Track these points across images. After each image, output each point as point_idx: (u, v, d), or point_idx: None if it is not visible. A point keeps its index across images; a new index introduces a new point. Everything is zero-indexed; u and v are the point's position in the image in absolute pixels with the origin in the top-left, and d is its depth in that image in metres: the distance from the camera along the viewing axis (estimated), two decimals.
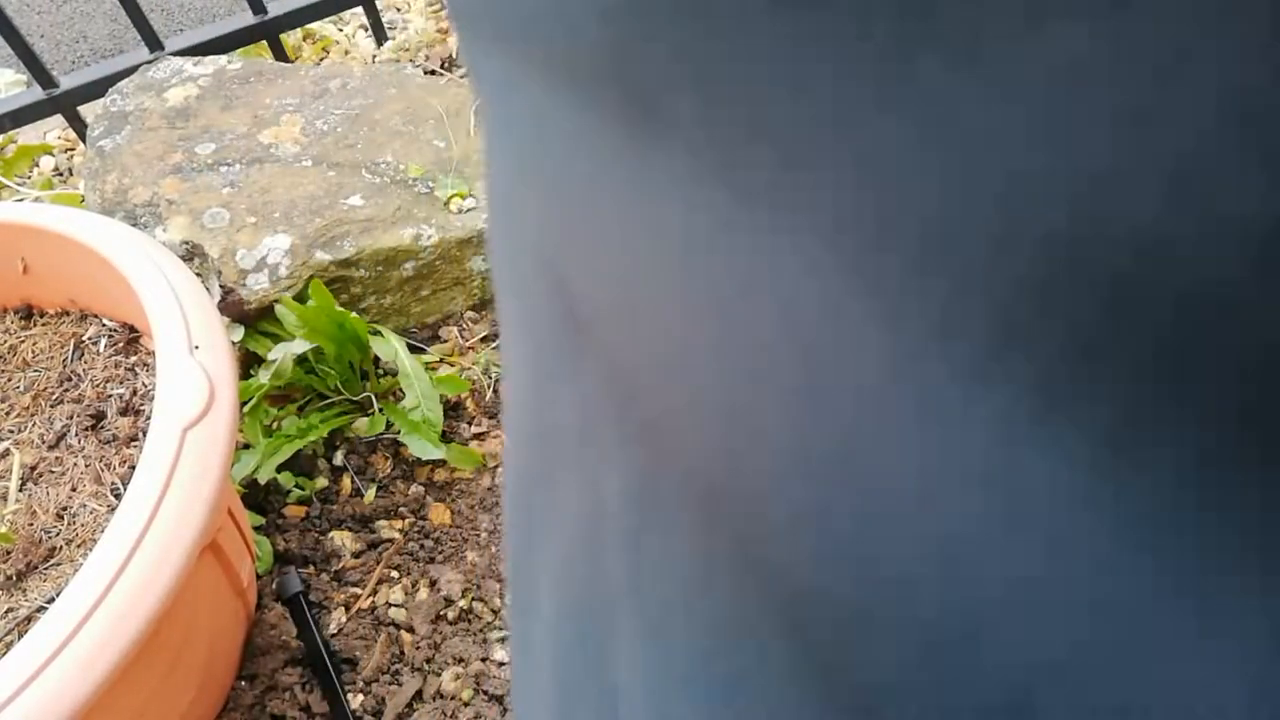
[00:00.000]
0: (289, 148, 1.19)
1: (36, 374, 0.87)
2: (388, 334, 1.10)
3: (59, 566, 0.73)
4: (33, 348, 0.89)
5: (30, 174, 1.49)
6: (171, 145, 1.17)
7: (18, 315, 0.92)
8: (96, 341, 0.88)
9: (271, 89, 1.28)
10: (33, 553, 0.73)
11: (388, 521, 1.07)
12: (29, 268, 0.89)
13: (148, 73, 1.29)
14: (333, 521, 1.05)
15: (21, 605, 0.70)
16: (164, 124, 1.20)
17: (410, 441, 1.04)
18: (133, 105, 1.23)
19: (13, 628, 0.69)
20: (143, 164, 1.14)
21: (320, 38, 1.68)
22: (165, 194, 1.11)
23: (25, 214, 0.86)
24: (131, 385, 0.84)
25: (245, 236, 1.08)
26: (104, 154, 1.17)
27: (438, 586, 1.02)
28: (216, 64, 1.31)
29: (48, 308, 0.92)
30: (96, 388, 0.85)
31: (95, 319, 0.90)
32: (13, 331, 0.90)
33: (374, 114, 1.25)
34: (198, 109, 1.23)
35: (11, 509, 0.76)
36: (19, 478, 0.78)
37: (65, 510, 0.76)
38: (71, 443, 0.81)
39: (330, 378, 1.07)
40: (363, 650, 0.95)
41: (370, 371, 1.11)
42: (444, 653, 0.97)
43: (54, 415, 0.83)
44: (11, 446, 0.81)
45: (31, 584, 0.72)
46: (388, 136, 1.23)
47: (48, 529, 0.74)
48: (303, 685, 0.91)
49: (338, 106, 1.26)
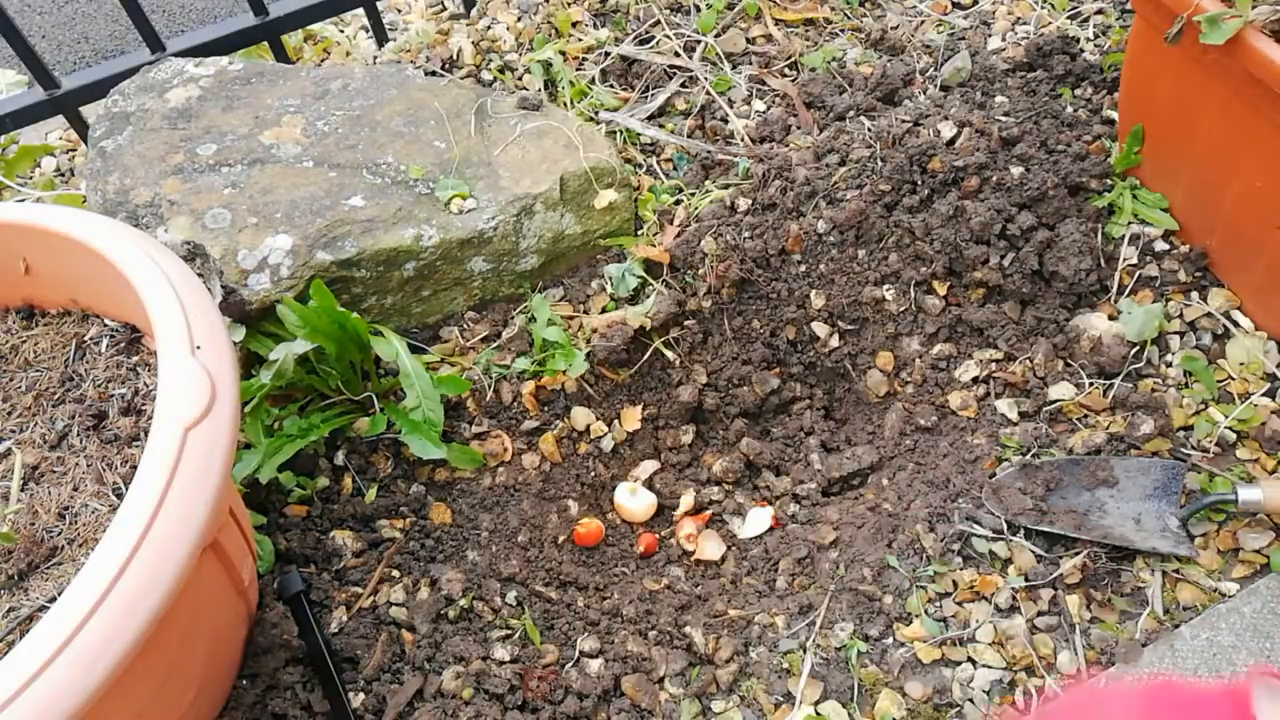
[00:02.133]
0: (290, 148, 1.20)
1: (38, 374, 0.87)
2: (389, 334, 1.10)
3: (61, 566, 0.73)
4: (34, 348, 0.89)
5: (32, 174, 1.49)
6: (173, 146, 1.18)
7: (19, 315, 0.92)
8: (98, 341, 0.88)
9: (273, 90, 1.28)
10: (35, 552, 0.73)
11: (389, 521, 1.07)
12: (31, 268, 0.89)
13: (149, 74, 1.29)
14: (334, 521, 1.06)
15: (24, 604, 0.70)
16: (165, 125, 1.21)
17: (411, 441, 1.04)
18: (134, 106, 1.24)
19: (15, 626, 0.69)
20: (144, 164, 1.15)
21: (321, 39, 1.68)
22: (167, 194, 1.11)
23: (27, 214, 0.86)
24: (133, 385, 0.85)
25: (247, 237, 1.08)
26: (105, 154, 1.17)
27: (438, 586, 1.02)
28: (218, 65, 1.32)
29: (49, 308, 0.93)
30: (98, 388, 0.85)
31: (97, 319, 0.91)
32: (14, 332, 0.91)
33: (375, 115, 1.26)
34: (199, 110, 1.24)
35: (13, 508, 0.76)
36: (21, 477, 0.78)
37: (67, 510, 0.76)
38: (73, 442, 0.81)
39: (331, 378, 1.08)
40: (364, 649, 0.95)
41: (371, 371, 1.12)
42: (444, 651, 0.97)
43: (56, 415, 0.83)
44: (13, 446, 0.81)
45: (33, 583, 0.72)
46: (389, 137, 1.23)
47: (49, 528, 0.75)
48: (304, 684, 0.91)
49: (339, 107, 1.26)
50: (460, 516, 1.10)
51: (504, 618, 1.02)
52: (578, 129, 1.28)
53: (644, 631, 1.03)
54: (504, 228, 1.18)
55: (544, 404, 1.18)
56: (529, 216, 1.19)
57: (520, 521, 1.11)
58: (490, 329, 1.21)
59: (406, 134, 1.24)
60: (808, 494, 1.17)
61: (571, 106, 1.38)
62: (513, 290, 1.23)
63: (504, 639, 0.99)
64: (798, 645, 0.99)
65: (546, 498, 1.15)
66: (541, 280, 1.25)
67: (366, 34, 1.65)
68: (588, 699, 0.95)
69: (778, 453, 1.22)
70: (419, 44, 1.51)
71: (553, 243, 1.22)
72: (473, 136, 1.26)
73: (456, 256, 1.16)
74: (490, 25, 1.51)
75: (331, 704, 0.90)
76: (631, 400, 1.22)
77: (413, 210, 1.15)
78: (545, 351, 1.17)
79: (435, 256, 1.14)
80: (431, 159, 1.22)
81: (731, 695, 0.97)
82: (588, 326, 1.19)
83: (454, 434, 1.14)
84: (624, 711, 0.95)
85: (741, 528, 1.16)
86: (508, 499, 1.13)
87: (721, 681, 0.98)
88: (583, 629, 1.02)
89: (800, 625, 1.01)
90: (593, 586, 1.09)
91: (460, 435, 1.14)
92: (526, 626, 1.01)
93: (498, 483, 1.13)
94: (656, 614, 1.05)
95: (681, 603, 1.07)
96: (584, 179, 1.23)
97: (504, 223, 1.17)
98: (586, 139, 1.27)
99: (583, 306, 1.23)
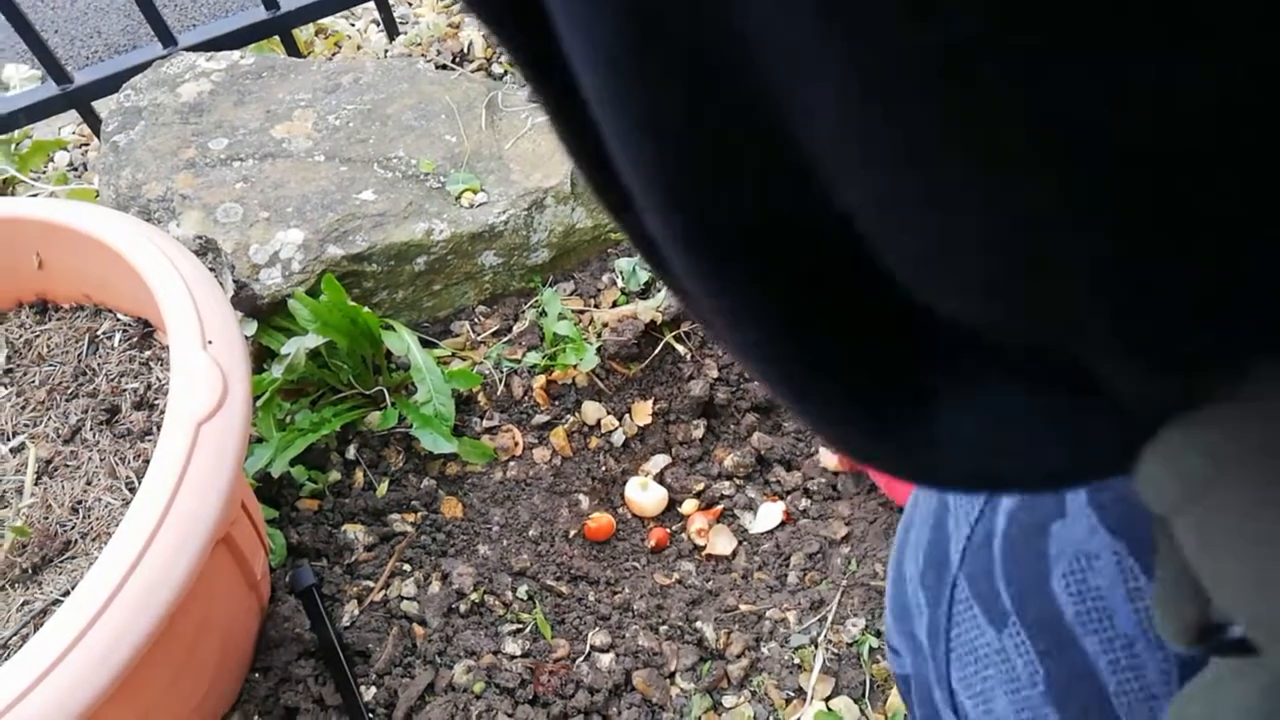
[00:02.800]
0: (301, 143, 1.20)
1: (51, 368, 0.87)
2: (400, 328, 1.10)
3: (74, 560, 0.73)
4: (48, 342, 0.89)
5: (45, 169, 1.50)
6: (185, 140, 1.18)
7: (33, 310, 0.92)
8: (111, 336, 0.89)
9: (284, 84, 1.28)
10: (48, 546, 0.73)
11: (400, 515, 1.07)
12: (44, 263, 0.89)
13: (161, 68, 1.29)
14: (345, 515, 1.06)
15: (38, 598, 0.71)
16: (177, 119, 1.21)
17: (422, 435, 1.04)
18: (146, 101, 1.24)
19: (29, 620, 0.69)
20: (156, 159, 1.15)
21: (332, 33, 1.68)
22: (179, 189, 1.11)
23: (40, 209, 0.86)
24: (145, 380, 0.85)
25: (258, 231, 1.08)
26: (118, 149, 1.17)
27: (449, 580, 1.02)
28: (229, 59, 1.32)
29: (63, 302, 0.93)
30: (111, 382, 0.85)
31: (110, 314, 0.91)
32: (28, 326, 0.91)
33: (386, 109, 1.26)
34: (211, 104, 1.24)
35: (27, 503, 0.76)
36: (35, 472, 0.79)
37: (80, 504, 0.76)
38: (86, 437, 0.81)
39: (343, 372, 1.08)
40: (375, 643, 0.96)
41: (383, 366, 1.12)
42: (456, 645, 0.97)
43: (69, 409, 0.83)
44: (27, 440, 0.82)
45: (47, 577, 0.72)
46: (400, 131, 1.23)
47: (63, 523, 0.75)
48: (316, 678, 0.92)
49: (350, 101, 1.26)
50: (471, 510, 1.10)
51: (515, 612, 1.02)
52: None
53: (655, 626, 1.03)
54: (515, 222, 1.17)
55: (555, 398, 1.18)
56: (540, 210, 1.19)
57: (531, 516, 1.11)
58: (501, 323, 1.21)
59: (417, 128, 1.24)
60: (819, 489, 1.17)
61: None
62: (523, 284, 1.23)
63: (515, 633, 0.99)
64: (809, 640, 0.99)
65: (557, 492, 1.15)
66: (552, 274, 1.24)
67: (377, 27, 1.65)
68: (599, 693, 0.95)
69: (789, 447, 1.21)
70: (430, 37, 1.50)
71: (564, 237, 1.22)
72: (484, 130, 1.26)
73: (467, 251, 1.16)
74: None
75: (343, 697, 0.90)
76: (642, 394, 1.22)
77: (424, 204, 1.15)
78: (556, 345, 1.16)
79: (446, 251, 1.14)
80: (442, 153, 1.21)
81: (743, 690, 0.97)
82: (599, 320, 1.19)
83: (465, 428, 1.14)
84: (635, 706, 0.95)
85: (753, 522, 1.16)
86: (519, 493, 1.13)
87: (733, 676, 0.98)
88: (594, 623, 1.02)
89: (812, 620, 1.01)
90: (604, 581, 1.09)
91: (471, 429, 1.14)
92: (538, 621, 1.01)
93: (509, 477, 1.13)
94: (667, 609, 1.05)
95: (692, 597, 1.07)
96: None
97: (515, 217, 1.17)
98: None
99: (594, 300, 1.23)
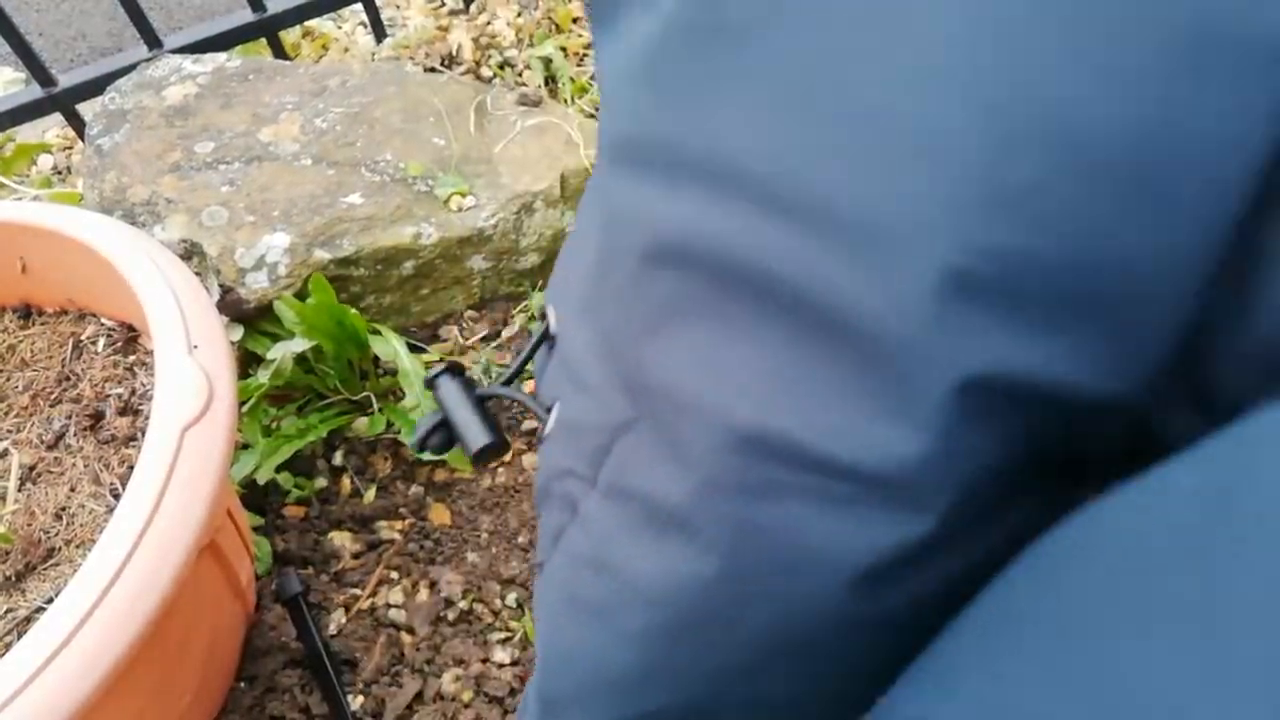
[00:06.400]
0: (288, 146, 1.19)
1: (35, 374, 0.86)
2: (387, 333, 1.09)
3: (58, 567, 0.72)
4: (31, 347, 0.88)
5: (29, 172, 1.48)
6: (170, 143, 1.17)
7: (16, 315, 0.91)
8: (95, 341, 0.88)
9: (271, 87, 1.27)
10: (31, 553, 0.72)
11: (387, 522, 1.06)
12: (27, 267, 0.88)
13: (146, 71, 1.28)
14: (332, 522, 1.05)
15: (20, 606, 0.70)
16: (163, 122, 1.20)
17: (410, 441, 1.03)
18: (131, 103, 1.23)
19: (11, 628, 0.68)
20: (141, 162, 1.14)
21: (319, 35, 1.67)
22: (164, 192, 1.10)
23: (24, 213, 0.85)
24: (130, 385, 0.84)
25: (244, 235, 1.07)
26: (102, 152, 1.16)
27: (438, 587, 1.01)
28: (215, 62, 1.31)
29: (46, 307, 0.92)
30: (95, 387, 0.84)
31: (94, 318, 0.90)
32: (11, 331, 0.90)
33: (373, 112, 1.25)
34: (197, 107, 1.23)
35: (10, 509, 0.75)
36: (18, 478, 0.78)
37: (64, 510, 0.75)
38: (70, 443, 0.80)
39: (329, 377, 1.07)
40: (362, 651, 0.95)
41: (370, 371, 1.11)
42: (444, 654, 0.96)
43: (52, 415, 0.82)
44: (10, 446, 0.80)
45: (30, 584, 0.71)
46: (387, 134, 1.22)
47: (46, 529, 0.74)
48: (302, 687, 0.91)
49: (337, 104, 1.25)
50: (460, 518, 1.10)
51: (504, 620, 1.01)
52: (578, 125, 1.28)
53: None
54: (504, 225, 1.17)
55: None
56: (529, 214, 1.19)
57: (520, 523, 1.11)
58: (490, 328, 1.20)
59: (405, 131, 1.23)
60: None
61: (572, 103, 1.37)
62: (513, 289, 1.22)
63: (504, 641, 0.99)
64: None
65: None
66: (542, 279, 1.24)
67: (365, 30, 1.64)
68: None
69: None
70: (418, 40, 1.50)
71: (553, 241, 1.21)
72: (472, 133, 1.25)
73: (456, 255, 1.15)
74: (490, 21, 1.50)
75: (330, 707, 0.90)
76: None
77: (412, 208, 1.14)
78: None
79: (434, 255, 1.14)
80: (431, 156, 1.21)
81: None
82: None
83: None
84: None
85: None
86: (508, 500, 1.12)
87: None
88: None
89: None
90: None
91: None
92: (527, 629, 1.01)
93: (498, 483, 1.12)
94: None
95: None
96: (585, 176, 1.23)
97: (504, 220, 1.17)
98: (587, 136, 1.27)
99: None
